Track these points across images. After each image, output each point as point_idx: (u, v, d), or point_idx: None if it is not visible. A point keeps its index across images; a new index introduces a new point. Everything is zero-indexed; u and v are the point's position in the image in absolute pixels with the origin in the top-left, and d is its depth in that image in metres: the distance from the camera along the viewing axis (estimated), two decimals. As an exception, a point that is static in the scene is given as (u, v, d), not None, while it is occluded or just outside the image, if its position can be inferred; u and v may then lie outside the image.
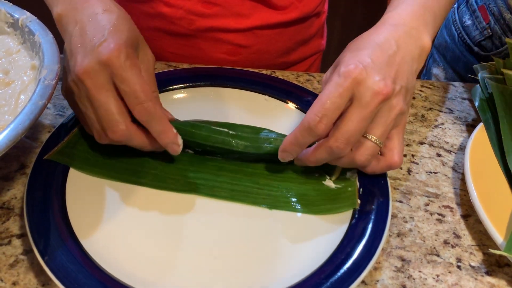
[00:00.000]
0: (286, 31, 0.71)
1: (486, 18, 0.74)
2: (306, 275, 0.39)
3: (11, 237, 0.43)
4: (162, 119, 0.43)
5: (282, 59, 0.74)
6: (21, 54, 0.48)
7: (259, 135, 0.49)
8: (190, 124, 0.48)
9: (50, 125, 0.54)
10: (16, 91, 0.44)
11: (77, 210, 0.43)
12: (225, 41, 0.68)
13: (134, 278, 0.39)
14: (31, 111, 0.37)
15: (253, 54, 0.71)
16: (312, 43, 0.78)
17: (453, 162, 0.54)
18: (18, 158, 0.50)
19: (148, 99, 0.41)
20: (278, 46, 0.72)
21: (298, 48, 0.75)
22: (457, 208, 0.49)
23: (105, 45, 0.40)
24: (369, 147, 0.42)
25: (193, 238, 0.43)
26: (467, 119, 0.60)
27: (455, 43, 0.81)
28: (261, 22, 0.68)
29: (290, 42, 0.73)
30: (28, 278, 0.40)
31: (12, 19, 0.48)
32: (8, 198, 0.46)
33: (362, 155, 0.42)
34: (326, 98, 0.40)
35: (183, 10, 0.65)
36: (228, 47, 0.69)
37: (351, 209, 0.45)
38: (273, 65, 0.73)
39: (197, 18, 0.66)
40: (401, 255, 0.44)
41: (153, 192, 0.46)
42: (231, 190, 0.47)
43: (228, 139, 0.48)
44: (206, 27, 0.67)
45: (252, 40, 0.69)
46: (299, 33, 0.73)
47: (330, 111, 0.40)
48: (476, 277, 0.43)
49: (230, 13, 0.66)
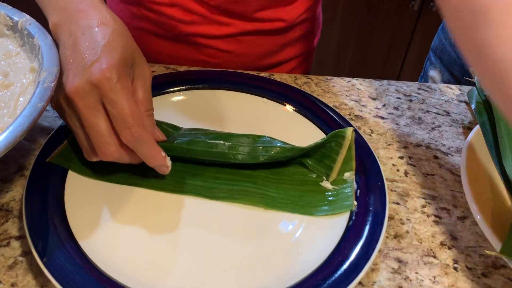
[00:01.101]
0: (269, 37, 0.70)
1: None
2: (304, 277, 0.39)
3: (9, 238, 0.43)
4: (150, 143, 0.42)
5: (267, 61, 0.74)
6: (20, 56, 0.48)
7: (256, 145, 0.49)
8: (185, 142, 0.48)
9: (49, 127, 0.54)
10: (15, 93, 0.44)
11: (76, 211, 0.43)
12: (206, 46, 0.69)
13: (132, 280, 0.39)
14: (30, 113, 0.37)
15: (235, 58, 0.71)
16: (299, 44, 0.76)
17: (450, 164, 0.54)
18: (16, 160, 0.50)
19: (136, 124, 0.40)
20: (260, 50, 0.71)
21: (283, 49, 0.74)
22: (454, 210, 0.49)
23: (97, 65, 0.39)
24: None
25: (191, 239, 0.43)
26: (464, 121, 0.61)
27: (451, 46, 0.81)
28: (243, 30, 0.68)
29: (274, 45, 0.72)
30: (27, 280, 0.40)
31: (11, 21, 0.49)
32: (7, 200, 0.46)
33: None
34: None
35: (165, 16, 0.66)
36: (209, 51, 0.70)
37: (348, 211, 0.45)
38: (257, 67, 0.73)
39: (178, 24, 0.67)
40: (398, 257, 0.44)
41: (152, 194, 0.47)
42: (229, 191, 0.47)
43: (224, 151, 0.48)
44: (188, 33, 0.68)
45: (234, 45, 0.69)
46: (284, 38, 0.72)
47: None
48: (473, 279, 0.43)
49: (210, 22, 0.66)
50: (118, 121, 0.40)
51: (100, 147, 0.41)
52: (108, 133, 0.41)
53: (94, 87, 0.39)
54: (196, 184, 0.48)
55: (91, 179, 0.47)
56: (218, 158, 0.48)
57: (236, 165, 0.49)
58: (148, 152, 0.42)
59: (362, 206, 0.45)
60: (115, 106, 0.40)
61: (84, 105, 0.40)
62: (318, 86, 0.64)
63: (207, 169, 0.49)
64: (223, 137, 0.49)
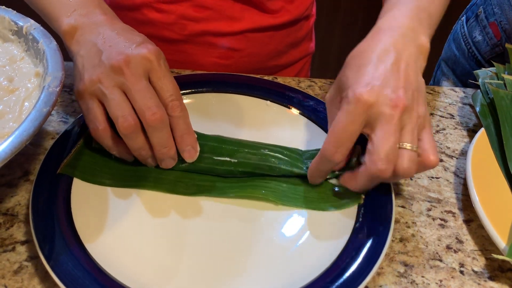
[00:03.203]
0: (277, 34, 0.72)
1: (498, 34, 0.72)
2: (312, 279, 0.39)
3: (15, 243, 0.43)
4: (189, 119, 0.45)
5: (273, 62, 0.76)
6: (25, 61, 0.48)
7: (262, 158, 0.49)
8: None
9: (53, 132, 0.54)
10: (20, 98, 0.44)
11: (82, 215, 0.43)
12: (217, 45, 0.70)
13: (139, 283, 0.39)
14: (36, 118, 0.38)
15: (244, 58, 0.72)
16: (302, 46, 0.79)
17: (455, 167, 0.54)
18: (21, 165, 0.50)
19: (181, 98, 0.44)
20: (269, 49, 0.73)
21: (288, 51, 0.76)
22: (459, 213, 0.49)
23: (144, 45, 0.44)
24: (406, 155, 0.41)
25: (197, 243, 0.43)
26: (468, 124, 0.61)
27: (465, 58, 0.79)
28: (253, 25, 0.69)
29: (281, 45, 0.74)
30: (32, 285, 0.40)
31: (16, 26, 0.49)
32: (12, 204, 0.46)
33: (403, 165, 0.41)
34: (340, 128, 0.41)
35: (175, 15, 0.66)
36: (220, 51, 0.70)
37: (356, 205, 0.45)
38: (264, 68, 0.75)
39: (189, 22, 0.67)
40: (404, 260, 0.44)
41: (158, 197, 0.47)
42: (239, 187, 0.48)
43: (231, 168, 0.49)
44: (198, 32, 0.68)
45: (243, 43, 0.70)
46: (289, 36, 0.74)
47: (345, 139, 0.41)
48: (479, 282, 0.43)
49: (221, 17, 0.67)
50: (165, 92, 0.43)
51: (144, 111, 0.42)
52: (155, 98, 0.43)
53: (144, 60, 0.43)
54: (205, 184, 0.48)
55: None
56: (225, 174, 0.49)
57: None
58: (188, 127, 0.45)
59: (368, 209, 0.45)
60: (163, 79, 0.43)
61: (133, 73, 0.42)
62: (322, 89, 0.64)
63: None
64: (230, 152, 0.49)
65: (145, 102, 0.42)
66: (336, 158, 0.42)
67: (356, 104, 0.41)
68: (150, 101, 0.42)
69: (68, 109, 0.57)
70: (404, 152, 0.41)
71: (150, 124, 0.42)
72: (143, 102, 0.42)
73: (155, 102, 0.42)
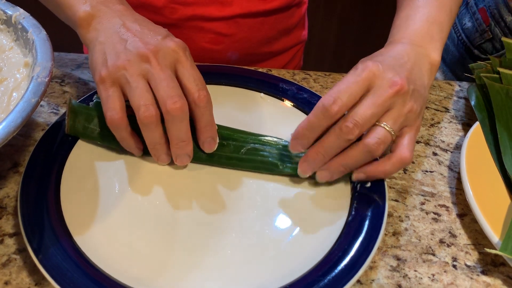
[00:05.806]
0: (268, 19, 0.71)
1: (487, 20, 0.74)
2: (304, 272, 0.39)
3: (3, 236, 0.42)
4: (212, 109, 0.45)
5: (265, 48, 0.75)
6: (14, 51, 0.48)
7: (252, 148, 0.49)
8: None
9: (44, 123, 0.54)
10: (8, 88, 0.43)
11: (72, 208, 0.43)
12: (207, 30, 0.69)
13: (128, 276, 0.38)
14: (24, 109, 0.37)
15: (235, 43, 0.71)
16: (294, 34, 0.79)
17: (449, 161, 0.54)
18: (11, 156, 0.49)
19: (207, 90, 0.44)
20: (260, 35, 0.73)
21: (280, 38, 0.76)
22: (453, 207, 0.49)
23: (170, 38, 0.45)
24: (380, 131, 0.43)
25: (188, 235, 0.43)
26: (463, 118, 0.60)
27: (455, 45, 0.80)
28: (243, 10, 0.68)
29: (272, 31, 0.74)
30: (21, 278, 0.40)
31: (5, 15, 0.48)
32: (0, 196, 0.46)
33: (373, 139, 0.42)
34: (343, 83, 0.43)
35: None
36: (210, 36, 0.70)
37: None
38: (256, 55, 0.75)
39: (179, 6, 0.66)
40: (397, 254, 0.44)
41: (148, 189, 0.46)
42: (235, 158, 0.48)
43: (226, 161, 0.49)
44: (189, 16, 0.67)
45: (234, 28, 0.70)
46: (280, 23, 0.74)
47: (345, 94, 0.42)
48: (472, 276, 0.43)
49: (212, 1, 0.66)
50: (191, 82, 0.44)
51: (166, 99, 0.42)
52: (179, 89, 0.43)
53: (173, 52, 0.43)
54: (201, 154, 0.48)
55: (87, 176, 0.46)
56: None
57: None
58: (212, 119, 0.46)
59: (361, 202, 0.45)
60: (190, 69, 0.44)
61: (159, 63, 0.43)
62: (317, 82, 0.63)
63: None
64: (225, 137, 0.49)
65: (168, 91, 0.42)
66: (333, 109, 0.42)
67: (362, 70, 0.43)
68: (172, 91, 0.42)
69: (59, 100, 0.57)
70: (379, 128, 0.43)
71: (171, 112, 0.42)
72: (166, 91, 0.42)
73: (177, 92, 0.42)
